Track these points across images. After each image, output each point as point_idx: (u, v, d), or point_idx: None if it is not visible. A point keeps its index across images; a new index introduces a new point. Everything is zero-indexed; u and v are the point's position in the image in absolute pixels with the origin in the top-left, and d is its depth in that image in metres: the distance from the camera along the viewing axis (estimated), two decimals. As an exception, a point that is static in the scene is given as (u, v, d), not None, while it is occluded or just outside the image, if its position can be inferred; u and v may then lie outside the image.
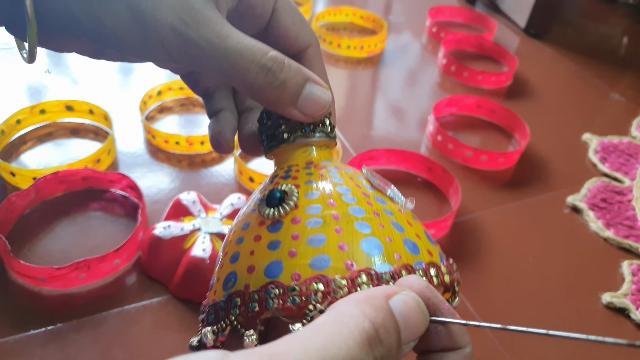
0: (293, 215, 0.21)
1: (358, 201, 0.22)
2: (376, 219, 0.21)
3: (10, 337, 0.39)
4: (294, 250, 0.20)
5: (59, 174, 0.49)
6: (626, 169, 0.67)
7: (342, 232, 0.20)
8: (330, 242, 0.20)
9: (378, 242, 0.20)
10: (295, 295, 0.19)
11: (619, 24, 1.14)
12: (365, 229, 0.21)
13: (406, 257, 0.21)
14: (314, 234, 0.20)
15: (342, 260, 0.19)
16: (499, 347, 0.44)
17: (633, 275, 0.52)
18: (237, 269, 0.21)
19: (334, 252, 0.20)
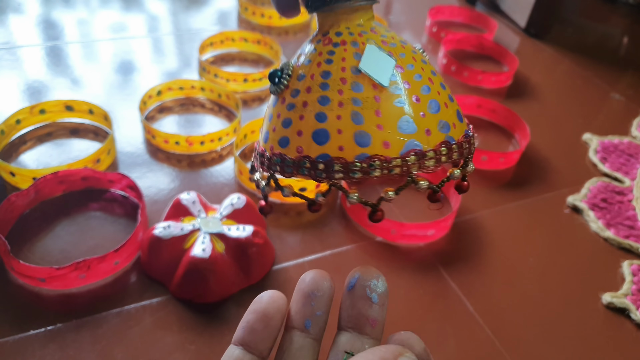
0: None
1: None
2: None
3: (10, 337, 0.39)
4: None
5: (59, 174, 0.49)
6: (626, 169, 0.67)
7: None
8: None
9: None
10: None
11: (619, 23, 1.14)
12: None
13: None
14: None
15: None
16: (499, 347, 0.44)
17: (633, 275, 0.52)
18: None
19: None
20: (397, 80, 0.22)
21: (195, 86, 0.67)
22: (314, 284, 0.24)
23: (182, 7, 0.89)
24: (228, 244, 0.44)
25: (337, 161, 0.21)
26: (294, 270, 0.47)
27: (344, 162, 0.21)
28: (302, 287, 0.24)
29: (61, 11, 0.83)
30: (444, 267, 0.50)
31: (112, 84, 0.68)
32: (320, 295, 0.24)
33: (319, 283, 0.24)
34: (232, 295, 0.44)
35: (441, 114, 0.22)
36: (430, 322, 0.45)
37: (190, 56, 0.76)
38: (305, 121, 0.22)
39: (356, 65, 0.22)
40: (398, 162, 0.21)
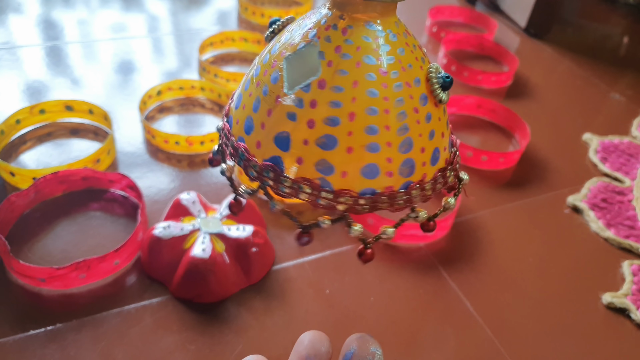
0: None
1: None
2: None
3: (10, 337, 0.39)
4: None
5: (59, 174, 0.49)
6: (627, 169, 0.67)
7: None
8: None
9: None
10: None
11: (619, 23, 1.14)
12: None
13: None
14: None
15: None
16: (499, 347, 0.44)
17: (633, 276, 0.52)
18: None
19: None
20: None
21: (195, 86, 0.67)
22: (312, 348, 0.24)
23: (182, 7, 0.89)
24: (228, 244, 0.44)
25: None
26: (294, 270, 0.47)
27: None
28: (300, 349, 0.24)
29: (61, 11, 0.83)
30: (443, 267, 0.50)
31: (112, 84, 0.68)
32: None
33: (316, 347, 0.24)
34: (232, 295, 0.44)
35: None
36: (430, 322, 0.45)
37: (190, 56, 0.76)
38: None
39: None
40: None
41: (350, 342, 0.24)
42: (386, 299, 0.46)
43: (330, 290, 0.46)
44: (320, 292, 0.46)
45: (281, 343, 0.42)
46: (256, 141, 0.21)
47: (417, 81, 0.21)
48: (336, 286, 0.47)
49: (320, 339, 0.24)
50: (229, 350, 0.40)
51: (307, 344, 0.24)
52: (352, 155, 0.20)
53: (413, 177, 0.21)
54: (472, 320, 0.46)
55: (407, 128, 0.20)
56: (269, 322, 0.43)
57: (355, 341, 0.24)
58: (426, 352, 0.43)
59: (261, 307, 0.44)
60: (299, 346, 0.24)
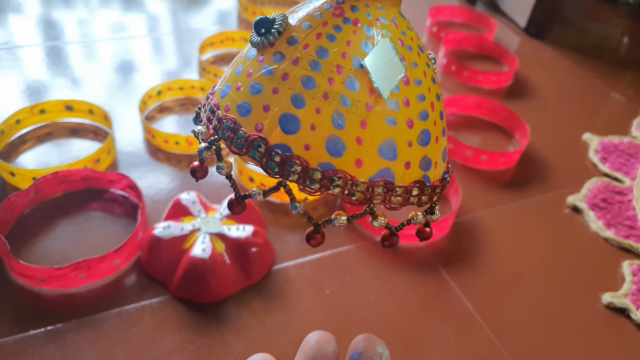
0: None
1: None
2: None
3: (10, 337, 0.39)
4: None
5: (59, 174, 0.49)
6: (626, 169, 0.67)
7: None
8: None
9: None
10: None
11: (619, 23, 1.14)
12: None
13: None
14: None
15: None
16: (499, 347, 0.44)
17: (633, 275, 0.52)
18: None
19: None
20: (397, 94, 0.19)
21: (195, 86, 0.67)
22: (318, 349, 0.24)
23: (182, 7, 0.89)
24: (228, 244, 0.44)
25: (297, 160, 0.18)
26: (294, 270, 0.47)
27: (304, 165, 0.18)
28: (306, 349, 0.24)
29: (61, 11, 0.83)
30: (444, 267, 0.50)
31: (112, 84, 0.68)
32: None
33: (323, 348, 0.24)
34: (232, 295, 0.44)
35: (429, 148, 0.20)
36: (430, 322, 0.45)
37: (190, 56, 0.76)
38: (278, 97, 0.18)
39: (361, 57, 0.18)
40: (363, 188, 0.18)
41: (356, 343, 0.24)
42: (386, 299, 0.46)
43: (330, 290, 0.46)
44: (321, 292, 0.46)
45: (281, 343, 0.41)
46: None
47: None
48: (336, 286, 0.47)
49: (327, 339, 0.24)
50: (229, 350, 0.40)
51: (314, 345, 0.24)
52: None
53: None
54: (472, 320, 0.46)
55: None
56: (268, 322, 0.43)
57: (362, 342, 0.24)
58: (426, 352, 0.43)
59: (261, 307, 0.44)
60: (306, 346, 0.24)
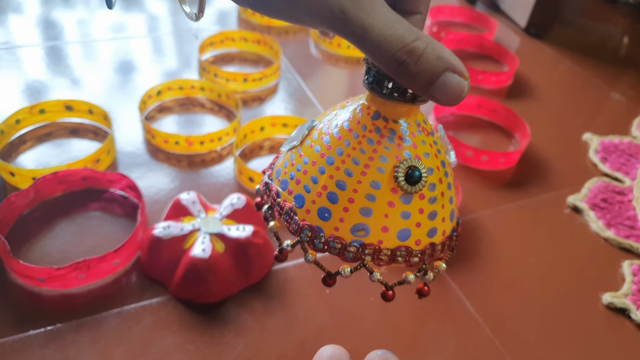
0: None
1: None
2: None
3: (10, 337, 0.39)
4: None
5: (59, 174, 0.49)
6: (627, 168, 0.67)
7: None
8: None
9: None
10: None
11: (619, 23, 1.14)
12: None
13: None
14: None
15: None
16: (499, 347, 0.44)
17: (634, 276, 0.52)
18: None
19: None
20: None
21: (195, 86, 0.67)
22: None
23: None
24: (228, 244, 0.44)
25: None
26: (294, 271, 0.47)
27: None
28: None
29: (61, 11, 0.83)
30: (444, 267, 0.50)
31: (112, 84, 0.68)
32: None
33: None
34: (232, 296, 0.44)
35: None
36: (431, 322, 0.45)
37: (190, 56, 0.76)
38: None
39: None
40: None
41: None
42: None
43: (330, 291, 0.46)
44: (320, 292, 0.46)
45: (281, 343, 0.41)
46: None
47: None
48: (336, 286, 0.47)
49: (340, 354, 0.23)
50: (229, 350, 0.40)
51: (326, 359, 0.23)
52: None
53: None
54: (472, 320, 0.46)
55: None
56: (268, 323, 0.43)
57: (377, 359, 0.23)
58: (426, 352, 0.43)
59: (261, 308, 0.44)
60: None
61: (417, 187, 0.25)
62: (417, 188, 0.25)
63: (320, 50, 0.84)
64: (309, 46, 0.84)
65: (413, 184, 0.24)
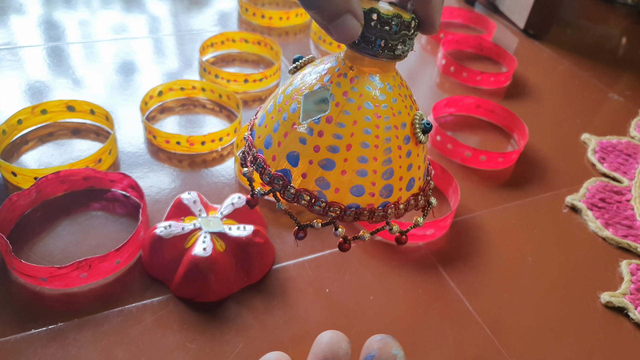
0: None
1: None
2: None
3: (12, 336, 0.39)
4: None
5: (60, 174, 0.50)
6: (625, 168, 0.67)
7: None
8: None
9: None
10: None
11: (617, 24, 1.14)
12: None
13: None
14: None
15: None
16: (497, 346, 0.44)
17: (632, 275, 0.52)
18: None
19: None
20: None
21: (196, 87, 0.67)
22: (329, 350, 0.23)
23: (183, 8, 0.90)
24: (229, 243, 0.44)
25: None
26: (294, 270, 0.48)
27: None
28: (317, 351, 0.23)
29: (62, 12, 0.83)
30: (443, 266, 0.50)
31: (113, 85, 0.68)
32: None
33: (334, 349, 0.23)
34: (232, 295, 0.44)
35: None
36: (429, 321, 0.45)
37: (191, 57, 0.76)
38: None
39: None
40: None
41: (370, 345, 0.23)
42: (386, 298, 0.47)
43: (330, 290, 0.46)
44: (321, 291, 0.46)
45: (282, 341, 0.42)
46: (272, 155, 0.26)
47: (403, 125, 0.26)
48: (336, 285, 0.47)
49: (338, 339, 0.23)
50: (230, 349, 0.41)
51: (325, 346, 0.23)
52: (345, 177, 0.25)
53: (390, 199, 0.27)
54: (471, 319, 0.46)
55: (390, 161, 0.26)
56: (269, 321, 0.43)
57: (376, 343, 0.23)
58: (425, 351, 0.43)
59: (261, 306, 0.44)
60: (316, 348, 0.23)
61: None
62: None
63: (320, 51, 0.84)
64: (309, 47, 0.85)
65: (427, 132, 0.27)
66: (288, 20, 0.88)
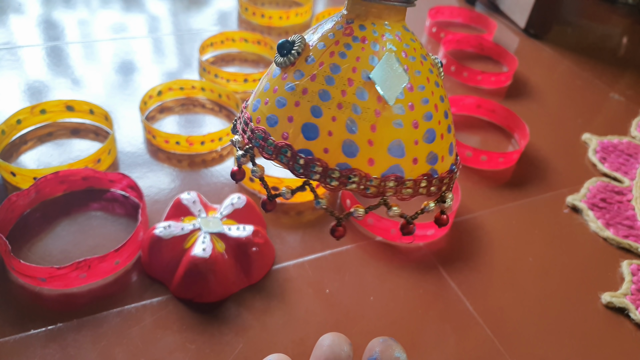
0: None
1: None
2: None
3: (11, 336, 0.39)
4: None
5: (60, 174, 0.49)
6: (626, 168, 0.67)
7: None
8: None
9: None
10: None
11: (618, 24, 1.14)
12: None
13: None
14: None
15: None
16: (498, 347, 0.44)
17: (632, 275, 0.52)
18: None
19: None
20: (403, 99, 0.21)
21: (196, 86, 0.67)
22: (331, 352, 0.23)
23: (183, 8, 0.90)
24: (228, 243, 0.44)
25: (317, 162, 0.21)
26: (294, 270, 0.47)
27: (324, 166, 0.21)
28: (318, 354, 0.23)
29: (62, 11, 0.83)
30: (443, 266, 0.50)
31: (112, 84, 0.68)
32: None
33: (336, 351, 0.22)
34: (232, 295, 0.44)
35: (434, 145, 0.22)
36: (430, 322, 0.45)
37: (191, 56, 0.76)
38: (300, 109, 0.21)
39: (369, 70, 0.21)
40: (376, 183, 0.21)
41: (372, 347, 0.23)
42: (386, 298, 0.46)
43: (330, 290, 0.46)
44: (320, 291, 0.46)
45: (281, 342, 0.42)
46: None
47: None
48: (336, 286, 0.47)
49: (340, 342, 0.23)
50: (229, 349, 0.40)
51: (326, 349, 0.23)
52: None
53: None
54: (471, 319, 0.46)
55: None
56: (269, 322, 0.43)
57: (378, 346, 0.23)
58: (426, 351, 0.43)
59: (261, 307, 0.44)
60: (318, 350, 0.23)
61: (288, 59, 0.22)
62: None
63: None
64: (309, 46, 0.85)
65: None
66: (288, 20, 0.88)
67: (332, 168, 0.21)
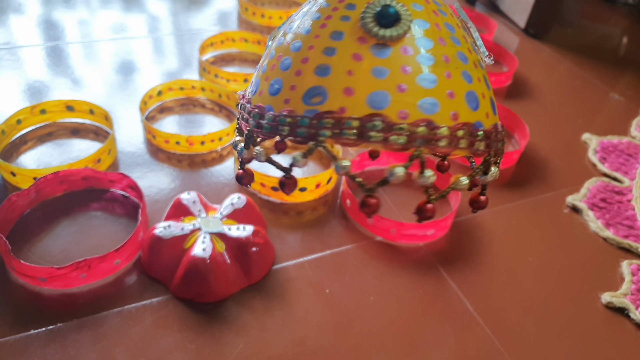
0: (403, 44, 0.18)
1: (462, 45, 0.20)
2: (475, 71, 0.20)
3: (11, 336, 0.39)
4: (404, 86, 0.18)
5: (60, 174, 0.50)
6: (626, 168, 0.67)
7: (451, 78, 0.19)
8: (440, 86, 0.18)
9: (476, 96, 0.19)
10: (400, 134, 0.18)
11: (618, 24, 1.14)
12: (468, 79, 0.19)
13: (491, 117, 0.20)
14: (426, 73, 0.18)
15: (449, 109, 0.18)
16: (498, 347, 0.44)
17: (632, 275, 0.52)
18: (328, 85, 0.18)
19: (442, 97, 0.18)
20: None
21: (196, 86, 0.67)
22: None
23: (183, 8, 0.90)
24: (228, 243, 0.44)
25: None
26: (294, 270, 0.47)
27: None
28: None
29: (62, 11, 0.83)
30: (443, 266, 0.50)
31: (112, 84, 0.68)
32: None
33: None
34: (232, 295, 0.44)
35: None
36: (430, 322, 0.45)
37: (191, 56, 0.76)
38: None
39: None
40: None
41: None
42: (386, 298, 0.46)
43: (330, 290, 0.46)
44: (320, 291, 0.46)
45: (281, 342, 0.42)
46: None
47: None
48: (336, 286, 0.47)
49: None
50: (229, 349, 0.40)
51: None
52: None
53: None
54: (471, 319, 0.46)
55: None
56: (269, 322, 0.43)
57: None
58: (426, 351, 0.43)
59: (261, 307, 0.44)
60: None
61: (395, 31, 0.18)
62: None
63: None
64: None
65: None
66: (288, 20, 0.88)
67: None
